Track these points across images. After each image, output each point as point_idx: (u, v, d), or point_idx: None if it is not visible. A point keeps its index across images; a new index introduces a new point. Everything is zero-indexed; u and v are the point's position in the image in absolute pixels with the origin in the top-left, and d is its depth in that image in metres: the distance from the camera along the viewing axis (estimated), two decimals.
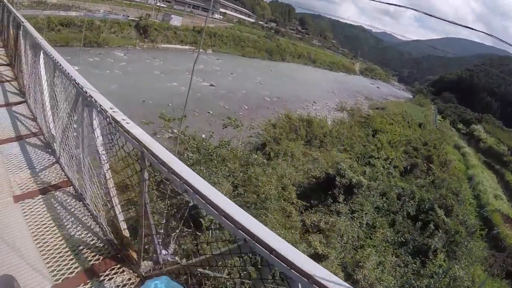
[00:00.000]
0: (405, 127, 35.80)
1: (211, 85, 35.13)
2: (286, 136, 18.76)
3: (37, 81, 4.68)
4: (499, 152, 44.94)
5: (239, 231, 1.48)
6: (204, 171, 8.18)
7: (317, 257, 9.16)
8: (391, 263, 13.26)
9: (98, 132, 2.79)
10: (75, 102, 3.24)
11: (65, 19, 45.26)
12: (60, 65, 3.52)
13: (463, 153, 41.01)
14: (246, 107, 30.74)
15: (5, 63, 8.60)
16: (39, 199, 3.32)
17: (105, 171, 2.75)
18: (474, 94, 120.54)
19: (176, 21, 61.64)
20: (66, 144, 3.73)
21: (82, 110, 3.03)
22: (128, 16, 58.20)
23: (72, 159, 3.59)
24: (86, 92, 2.75)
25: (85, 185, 3.24)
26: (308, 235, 10.66)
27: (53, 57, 3.79)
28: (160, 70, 37.17)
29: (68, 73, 3.25)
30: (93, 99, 2.64)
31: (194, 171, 1.97)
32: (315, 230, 11.66)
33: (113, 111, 2.45)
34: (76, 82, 2.99)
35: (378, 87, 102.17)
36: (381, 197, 17.38)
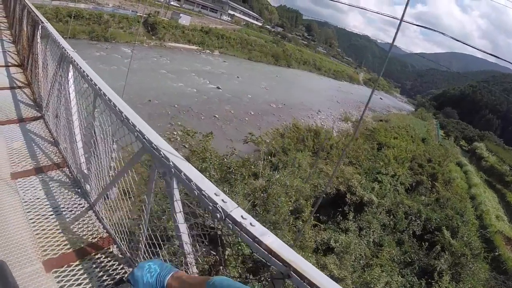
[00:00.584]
0: (409, 142, 35.63)
1: (218, 88, 34.92)
2: (294, 147, 18.52)
3: (61, 100, 3.73)
4: (501, 171, 44.77)
5: None
6: (227, 191, 7.89)
7: (333, 280, 8.90)
8: (397, 284, 13.04)
9: (179, 207, 1.93)
10: (137, 156, 2.27)
11: (74, 10, 45.04)
12: (111, 101, 2.43)
13: (466, 171, 40.82)
14: (252, 113, 30.51)
15: (15, 63, 7.57)
16: (77, 265, 2.51)
17: (192, 266, 1.98)
18: (476, 110, 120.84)
19: (184, 20, 61.38)
20: (108, 196, 2.85)
21: (154, 173, 2.09)
22: (137, 12, 57.98)
23: (118, 216, 2.72)
24: (163, 157, 1.84)
25: (139, 257, 2.46)
26: (319, 254, 10.40)
27: (94, 83, 2.70)
28: (167, 69, 36.89)
29: (127, 118, 2.20)
30: (182, 174, 1.73)
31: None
32: (324, 248, 11.42)
33: (223, 201, 1.56)
34: (144, 138, 2.01)
35: (381, 98, 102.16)
36: (387, 214, 17.15)
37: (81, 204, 3.16)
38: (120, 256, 2.69)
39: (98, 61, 31.44)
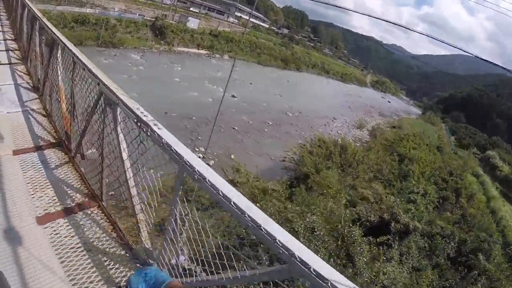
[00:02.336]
0: (426, 153, 34.76)
1: (233, 96, 34.21)
2: (324, 165, 17.77)
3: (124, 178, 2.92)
4: None
5: None
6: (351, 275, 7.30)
7: None
8: None
9: None
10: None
11: (80, 16, 44.29)
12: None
13: (482, 182, 39.86)
14: (270, 123, 29.81)
15: (35, 95, 5.71)
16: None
17: None
18: (483, 114, 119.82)
19: (193, 23, 60.65)
20: None
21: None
22: (144, 16, 57.26)
23: None
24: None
25: None
26: None
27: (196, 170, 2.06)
28: (179, 77, 36.18)
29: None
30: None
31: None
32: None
33: None
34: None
35: (389, 101, 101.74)
36: (421, 236, 16.48)
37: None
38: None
39: (108, 70, 30.22)
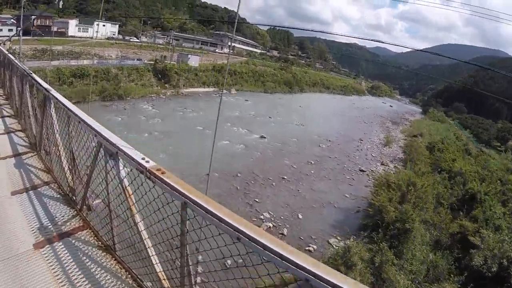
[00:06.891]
0: (464, 161, 33.80)
1: (262, 137, 33.24)
2: (410, 210, 16.72)
3: None
4: None
5: None
6: None
7: None
8: None
9: None
10: None
11: (78, 69, 42.00)
12: None
13: None
14: (312, 162, 28.82)
15: (33, 152, 5.33)
16: None
17: None
18: (482, 101, 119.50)
19: (193, 61, 59.79)
20: None
21: None
22: (143, 60, 55.91)
23: None
24: None
25: None
26: None
27: None
28: (199, 123, 34.61)
29: None
30: None
31: None
32: None
33: None
34: None
35: (391, 106, 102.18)
36: None
37: None
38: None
39: (125, 129, 28.01)
